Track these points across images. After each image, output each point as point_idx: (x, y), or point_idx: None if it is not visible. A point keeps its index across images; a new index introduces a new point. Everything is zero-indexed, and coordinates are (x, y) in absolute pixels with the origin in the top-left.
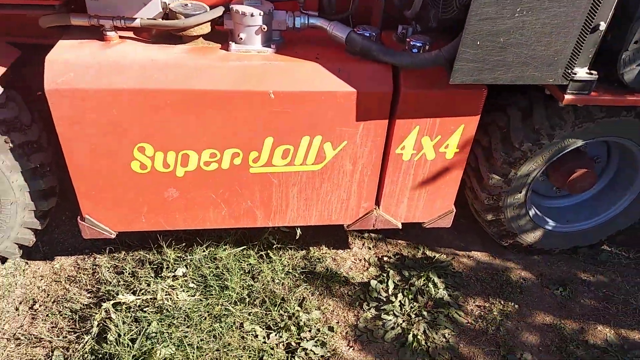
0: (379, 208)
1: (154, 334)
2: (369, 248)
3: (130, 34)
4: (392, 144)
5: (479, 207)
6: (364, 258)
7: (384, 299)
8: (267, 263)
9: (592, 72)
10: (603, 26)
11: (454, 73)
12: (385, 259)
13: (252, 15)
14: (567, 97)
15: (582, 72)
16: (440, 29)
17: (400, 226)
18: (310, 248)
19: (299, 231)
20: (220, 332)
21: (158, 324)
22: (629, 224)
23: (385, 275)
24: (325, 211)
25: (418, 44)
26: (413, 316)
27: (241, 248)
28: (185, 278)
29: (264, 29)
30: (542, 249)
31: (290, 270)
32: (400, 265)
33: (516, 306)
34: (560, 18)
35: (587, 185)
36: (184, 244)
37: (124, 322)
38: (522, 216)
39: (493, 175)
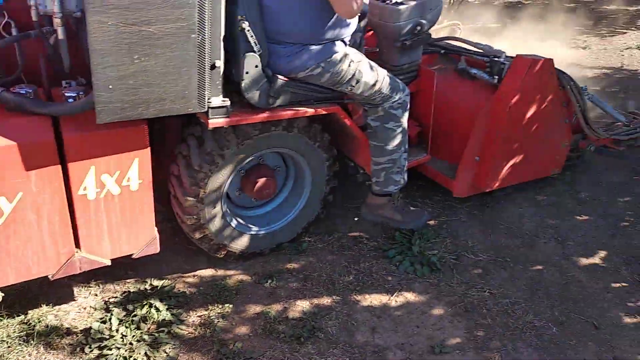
0: (80, 250)
1: None
2: (95, 295)
3: None
4: (73, 187)
5: (187, 229)
6: (90, 306)
7: (108, 337)
8: None
9: (225, 99)
10: (219, 63)
11: (98, 114)
12: (111, 300)
13: None
14: (210, 121)
15: (216, 100)
16: None
17: (109, 263)
18: (28, 311)
19: (0, 294)
20: None
21: None
22: (313, 215)
23: (109, 315)
24: (22, 267)
25: (73, 94)
26: (135, 343)
27: None
28: None
29: None
30: (254, 252)
31: (5, 339)
32: (125, 302)
33: (232, 306)
34: (175, 60)
35: (271, 191)
36: None
37: None
38: (224, 228)
39: (187, 198)
